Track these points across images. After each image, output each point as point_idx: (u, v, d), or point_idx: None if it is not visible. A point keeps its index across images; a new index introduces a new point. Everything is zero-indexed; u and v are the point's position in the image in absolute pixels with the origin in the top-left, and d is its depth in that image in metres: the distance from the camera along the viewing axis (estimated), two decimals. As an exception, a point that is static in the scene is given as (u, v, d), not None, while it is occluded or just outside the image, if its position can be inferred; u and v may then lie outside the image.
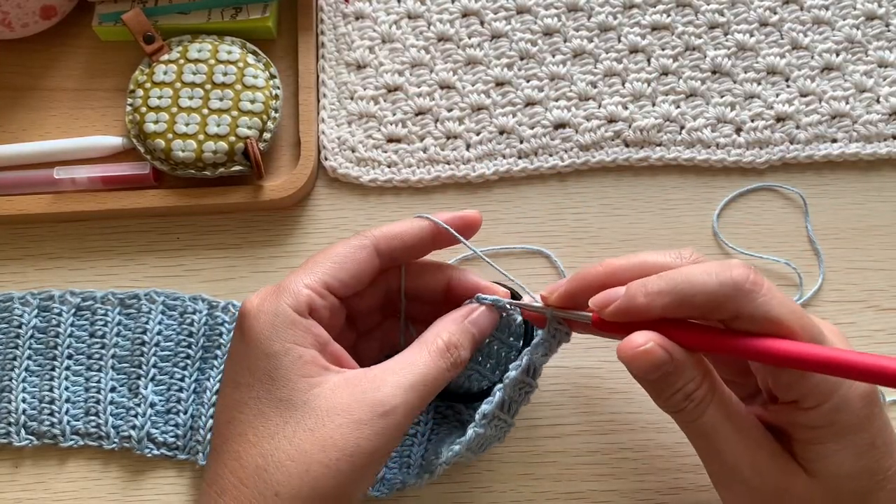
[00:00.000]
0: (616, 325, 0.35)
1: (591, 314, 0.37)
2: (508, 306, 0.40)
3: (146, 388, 0.46)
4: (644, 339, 0.34)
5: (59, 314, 0.48)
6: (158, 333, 0.47)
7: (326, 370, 0.36)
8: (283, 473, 0.34)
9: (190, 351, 0.47)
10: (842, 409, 0.34)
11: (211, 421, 0.45)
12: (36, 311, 0.48)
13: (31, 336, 0.48)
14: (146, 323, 0.47)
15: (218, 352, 0.47)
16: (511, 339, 0.42)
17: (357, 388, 0.35)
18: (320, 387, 0.35)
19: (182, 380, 0.47)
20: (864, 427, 0.34)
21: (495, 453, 0.46)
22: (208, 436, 0.45)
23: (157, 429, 0.46)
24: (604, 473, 0.45)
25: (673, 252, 0.37)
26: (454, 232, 0.40)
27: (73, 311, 0.48)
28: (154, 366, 0.47)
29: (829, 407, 0.34)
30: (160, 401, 0.46)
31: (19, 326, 0.48)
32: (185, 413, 0.46)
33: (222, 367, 0.46)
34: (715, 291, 0.33)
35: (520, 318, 0.41)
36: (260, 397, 0.35)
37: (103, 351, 0.47)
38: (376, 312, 0.43)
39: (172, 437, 0.46)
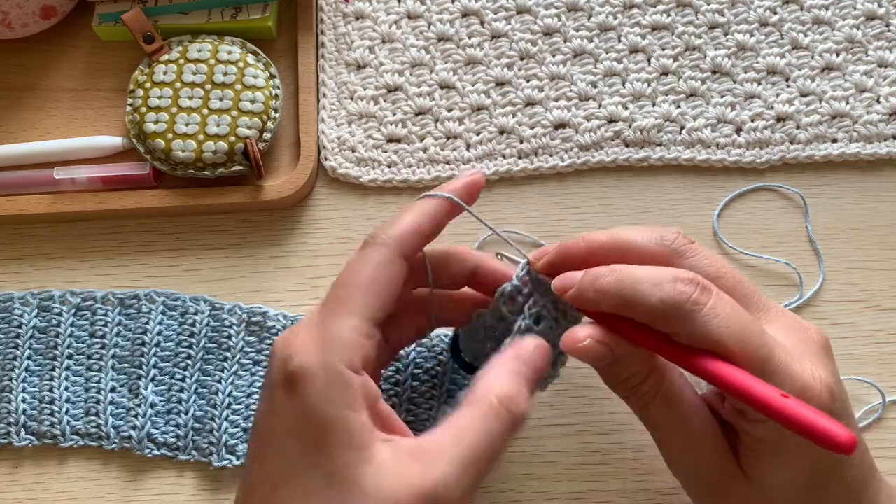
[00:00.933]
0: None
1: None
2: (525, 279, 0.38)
3: (146, 388, 0.46)
4: (584, 335, 0.34)
5: (59, 314, 0.48)
6: (159, 334, 0.47)
7: (375, 439, 0.32)
8: None
9: (191, 351, 0.47)
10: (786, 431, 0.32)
11: (226, 423, 0.45)
12: (36, 311, 0.48)
13: (31, 336, 0.48)
14: (146, 323, 0.47)
15: (227, 353, 0.47)
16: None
17: (407, 469, 0.31)
18: (369, 463, 0.31)
19: (183, 380, 0.47)
20: (809, 454, 0.33)
21: (495, 453, 0.46)
22: (224, 437, 0.45)
23: (157, 429, 0.46)
24: (604, 473, 0.45)
25: (656, 233, 0.36)
26: (468, 208, 0.38)
27: (74, 311, 0.48)
28: (154, 366, 0.47)
29: (774, 425, 0.32)
30: (160, 401, 0.46)
31: (19, 326, 0.48)
32: (186, 413, 0.46)
33: (234, 369, 0.46)
34: (654, 307, 0.33)
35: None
36: (306, 470, 0.32)
37: (103, 351, 0.47)
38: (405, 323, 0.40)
39: (173, 437, 0.46)
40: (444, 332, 0.46)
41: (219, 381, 0.46)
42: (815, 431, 0.29)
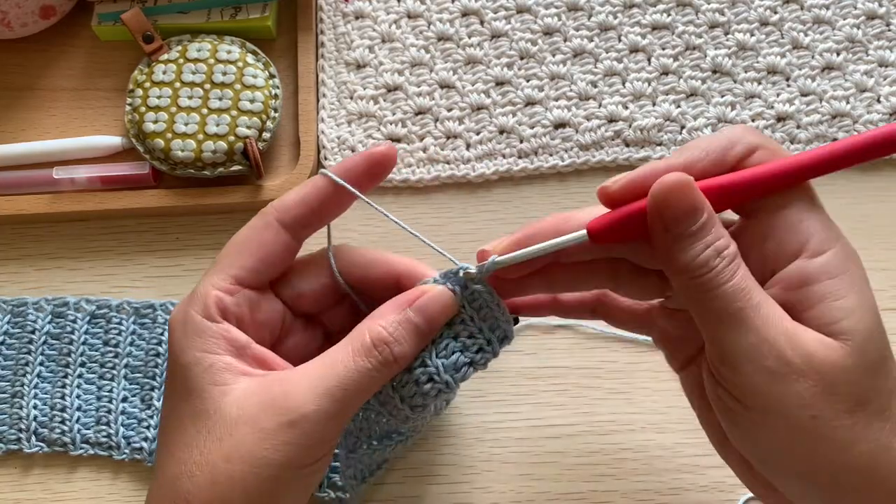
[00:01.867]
0: (618, 229, 0.32)
1: (582, 232, 0.33)
2: (475, 282, 0.35)
3: (159, 399, 0.46)
4: (679, 174, 0.30)
5: (74, 321, 0.48)
6: None
7: (244, 375, 0.34)
8: (194, 484, 0.32)
9: None
10: (850, 255, 0.32)
11: None
12: (50, 317, 0.48)
13: (45, 342, 0.48)
14: (161, 334, 0.47)
15: None
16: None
17: (267, 394, 0.33)
18: (231, 393, 0.33)
19: None
20: (867, 281, 0.33)
21: (495, 453, 0.46)
22: None
23: None
24: (604, 473, 0.45)
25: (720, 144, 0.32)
26: (351, 187, 0.36)
27: (88, 318, 0.48)
28: None
29: (840, 250, 0.32)
30: None
31: (33, 332, 0.48)
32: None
33: None
34: (735, 130, 0.32)
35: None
36: (179, 408, 0.34)
37: (116, 360, 0.47)
38: (337, 309, 0.39)
39: None
40: None
41: None
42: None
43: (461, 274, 0.35)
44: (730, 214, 0.34)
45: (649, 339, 0.39)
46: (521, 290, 0.36)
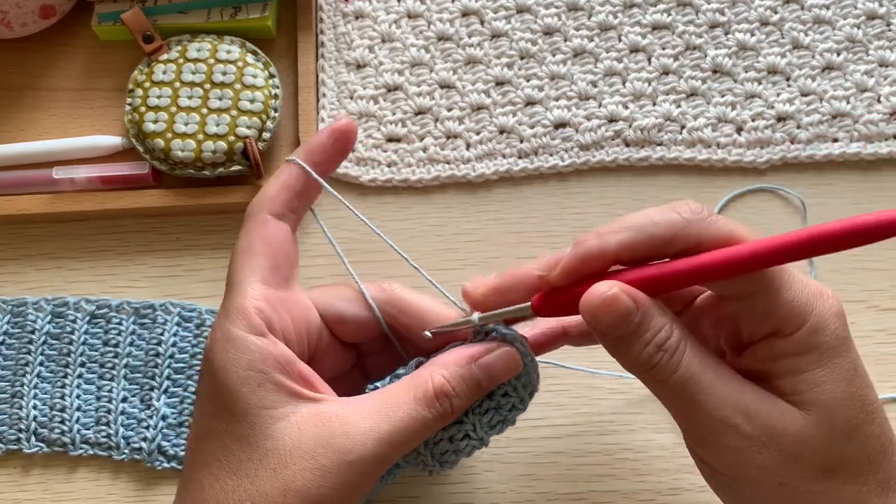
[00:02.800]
0: (560, 302, 0.33)
1: (526, 304, 0.33)
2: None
3: (159, 399, 0.46)
4: (607, 286, 0.30)
5: (74, 321, 0.48)
6: (173, 345, 0.47)
7: (293, 397, 0.33)
8: None
9: None
10: (821, 328, 0.32)
11: None
12: (50, 317, 0.48)
13: (45, 342, 0.47)
14: (161, 334, 0.47)
15: None
16: None
17: (325, 428, 0.32)
18: (285, 420, 0.32)
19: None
20: (844, 349, 0.32)
21: (495, 454, 0.46)
22: None
23: (168, 441, 0.46)
24: (604, 473, 0.45)
25: (668, 212, 0.32)
26: (320, 180, 0.37)
27: (88, 318, 0.48)
28: (168, 377, 0.46)
29: (809, 328, 0.32)
30: (172, 413, 0.46)
31: (32, 332, 0.47)
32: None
33: None
34: (674, 220, 0.31)
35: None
36: (223, 429, 0.33)
37: (116, 360, 0.47)
38: (377, 338, 0.39)
39: (184, 450, 0.45)
40: None
41: None
42: (882, 222, 0.28)
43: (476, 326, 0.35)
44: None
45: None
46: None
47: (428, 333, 0.35)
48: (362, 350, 0.40)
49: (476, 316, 0.34)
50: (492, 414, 0.36)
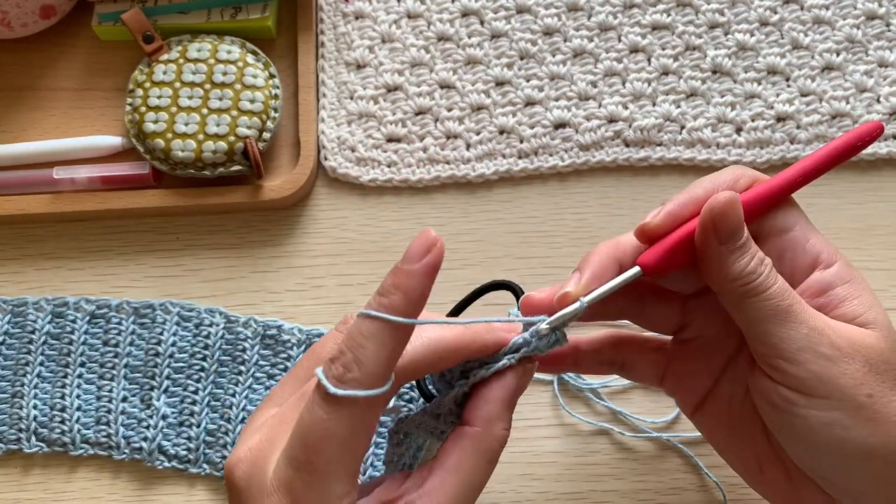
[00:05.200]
0: (667, 250, 0.34)
1: (633, 271, 0.34)
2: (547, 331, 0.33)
3: (159, 399, 0.46)
4: (730, 192, 0.34)
5: (74, 321, 0.48)
6: (173, 345, 0.47)
7: None
8: None
9: (205, 364, 0.47)
10: (848, 263, 0.36)
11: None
12: (50, 316, 0.48)
13: (45, 342, 0.47)
14: (161, 334, 0.47)
15: (242, 367, 0.47)
16: None
17: None
18: None
19: (196, 392, 0.46)
20: (868, 285, 0.36)
21: (495, 453, 0.46)
22: None
23: (168, 441, 0.46)
24: (604, 473, 0.45)
25: (724, 177, 0.37)
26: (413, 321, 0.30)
27: (88, 318, 0.48)
28: (167, 377, 0.47)
29: (843, 261, 0.36)
30: (173, 413, 0.46)
31: (32, 332, 0.48)
32: (199, 426, 0.46)
33: (248, 383, 0.46)
34: (734, 170, 0.36)
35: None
36: None
37: (116, 360, 0.47)
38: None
39: (184, 450, 0.46)
40: None
41: (233, 395, 0.46)
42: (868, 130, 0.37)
43: (543, 326, 0.33)
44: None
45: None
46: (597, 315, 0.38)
47: (545, 326, 0.34)
48: None
49: (583, 301, 0.34)
50: None
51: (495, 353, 0.34)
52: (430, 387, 0.39)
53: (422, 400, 0.41)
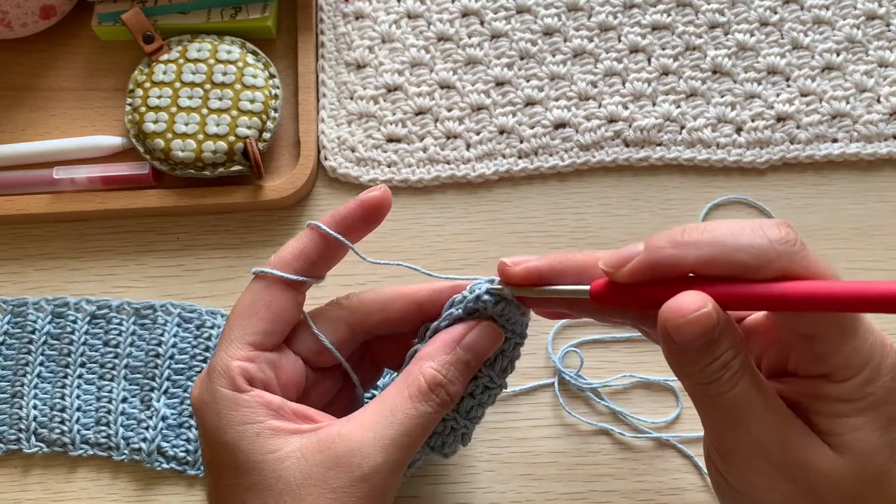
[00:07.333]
0: (622, 295, 0.32)
1: (586, 287, 0.33)
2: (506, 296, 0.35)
3: (159, 400, 0.46)
4: (701, 301, 0.29)
5: (74, 321, 0.48)
6: (173, 346, 0.47)
7: (293, 434, 0.33)
8: None
9: (205, 365, 0.47)
10: (873, 380, 0.31)
11: None
12: (50, 317, 0.48)
13: (45, 342, 0.47)
14: (161, 335, 0.47)
15: None
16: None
17: (330, 452, 0.32)
18: (291, 457, 0.32)
19: None
20: (890, 399, 0.31)
21: (495, 453, 0.46)
22: None
23: (167, 442, 0.46)
24: (604, 473, 0.45)
25: (762, 232, 0.30)
26: (340, 237, 0.36)
27: (88, 318, 0.48)
28: (168, 378, 0.47)
29: (862, 379, 0.31)
30: (172, 414, 0.46)
31: (33, 332, 0.48)
32: (198, 428, 0.46)
33: None
34: (762, 249, 0.29)
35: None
36: (235, 484, 0.33)
37: (116, 361, 0.47)
38: (355, 352, 0.40)
39: (183, 451, 0.46)
40: None
41: None
42: None
43: (488, 289, 0.35)
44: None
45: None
46: (540, 304, 0.37)
47: (470, 291, 0.35)
48: (371, 346, 0.40)
49: (512, 291, 0.35)
50: (501, 360, 0.37)
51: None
52: None
53: None
